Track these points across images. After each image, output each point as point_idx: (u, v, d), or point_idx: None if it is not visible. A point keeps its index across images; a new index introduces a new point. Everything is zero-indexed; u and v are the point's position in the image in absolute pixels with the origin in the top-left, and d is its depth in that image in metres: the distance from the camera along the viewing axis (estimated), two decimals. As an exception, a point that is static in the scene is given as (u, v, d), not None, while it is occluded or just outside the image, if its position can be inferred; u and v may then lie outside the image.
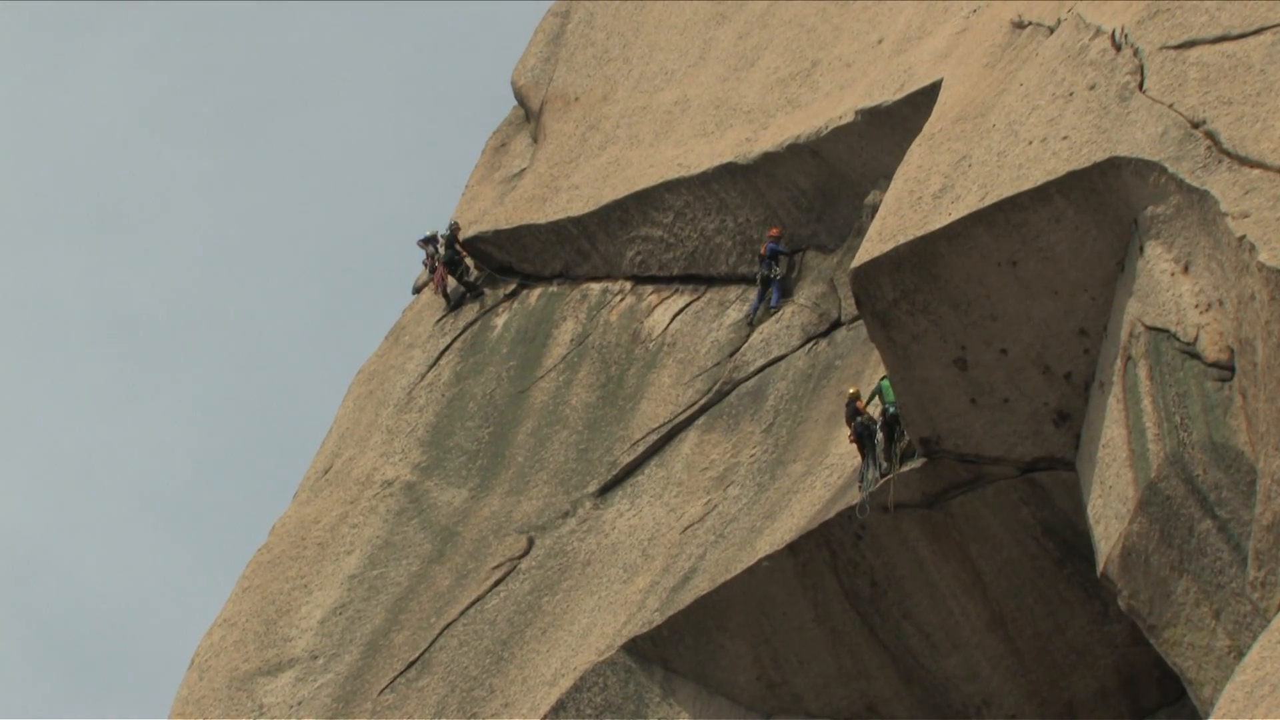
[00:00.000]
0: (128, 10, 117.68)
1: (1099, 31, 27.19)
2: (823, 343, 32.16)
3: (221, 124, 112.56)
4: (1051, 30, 28.37)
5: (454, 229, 37.77)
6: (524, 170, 38.06)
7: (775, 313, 33.24)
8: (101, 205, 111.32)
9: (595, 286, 35.81)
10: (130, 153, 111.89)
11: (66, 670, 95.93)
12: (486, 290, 37.24)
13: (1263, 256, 23.70)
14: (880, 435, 28.20)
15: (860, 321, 28.91)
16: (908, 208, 27.50)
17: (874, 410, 28.38)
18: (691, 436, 32.50)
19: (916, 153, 28.62)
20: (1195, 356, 24.76)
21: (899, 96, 31.58)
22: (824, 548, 28.38)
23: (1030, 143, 26.66)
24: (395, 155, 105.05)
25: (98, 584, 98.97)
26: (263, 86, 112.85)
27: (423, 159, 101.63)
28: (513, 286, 36.90)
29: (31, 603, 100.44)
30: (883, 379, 28.28)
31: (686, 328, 34.28)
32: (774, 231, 33.51)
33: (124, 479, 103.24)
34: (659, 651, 29.31)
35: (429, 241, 37.88)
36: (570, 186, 36.36)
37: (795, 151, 33.29)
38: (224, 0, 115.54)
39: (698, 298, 34.61)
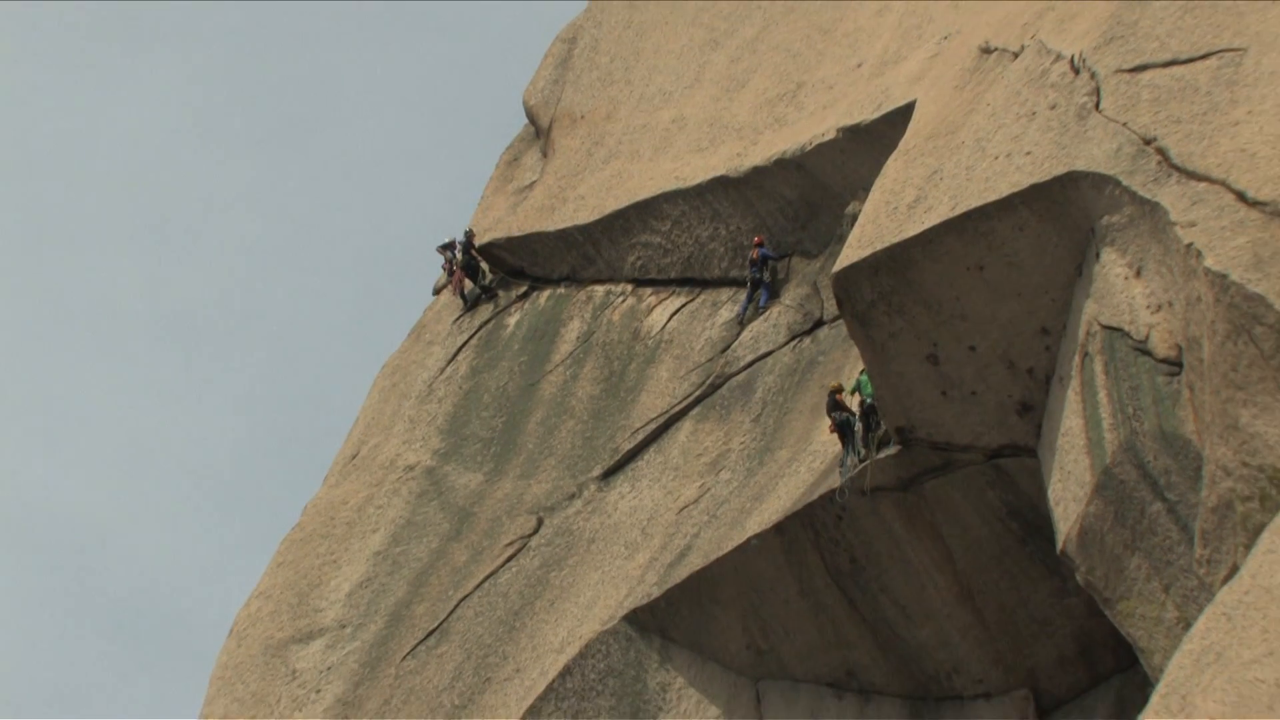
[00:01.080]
0: (182, 36, 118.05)
1: (1059, 57, 27.20)
2: (807, 340, 32.19)
3: (264, 139, 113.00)
4: (1016, 55, 28.37)
5: (470, 236, 37.86)
6: (534, 182, 38.09)
7: (763, 313, 33.29)
8: (157, 213, 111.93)
9: (599, 289, 35.84)
10: (183, 165, 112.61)
11: (122, 634, 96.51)
12: (500, 292, 37.31)
13: (1208, 262, 23.68)
14: (859, 425, 28.26)
15: (841, 321, 28.88)
16: (885, 217, 27.50)
17: (853, 402, 28.40)
18: (687, 426, 32.52)
19: (893, 167, 28.61)
20: (1147, 353, 24.77)
21: (877, 115, 31.60)
22: (807, 527, 28.38)
23: (996, 158, 26.65)
24: (418, 168, 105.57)
25: (151, 558, 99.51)
26: (301, 105, 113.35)
27: (442, 172, 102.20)
28: (524, 289, 36.97)
29: (92, 573, 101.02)
30: (861, 373, 28.31)
31: (682, 326, 34.28)
32: (759, 242, 33.55)
33: (175, 463, 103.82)
34: (657, 622, 29.33)
35: (447, 247, 37.98)
36: (577, 197, 36.38)
37: (782, 165, 33.31)
38: (267, 29, 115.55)
39: (693, 299, 34.62)
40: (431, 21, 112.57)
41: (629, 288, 35.52)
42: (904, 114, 30.28)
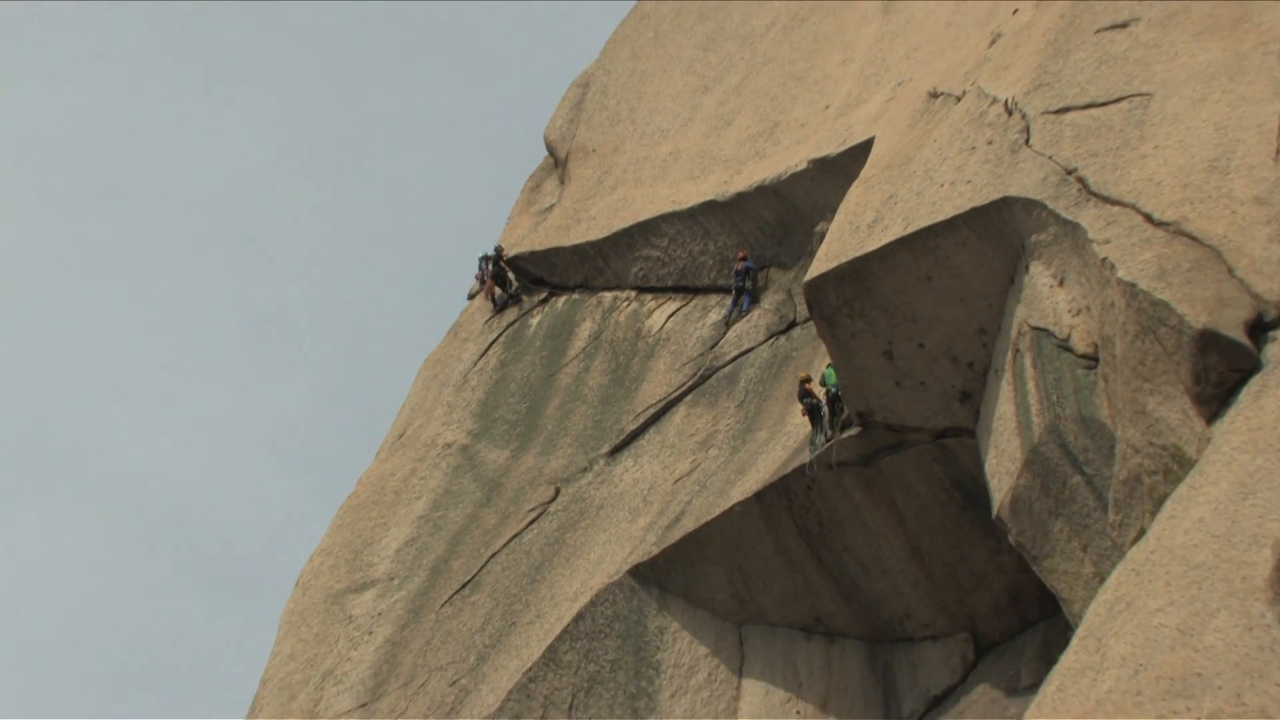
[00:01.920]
0: (271, 81, 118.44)
1: (995, 100, 27.19)
2: (782, 338, 32.15)
3: (334, 168, 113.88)
4: (958, 99, 28.38)
5: (499, 250, 37.78)
6: (553, 205, 38.00)
7: (746, 315, 33.24)
8: (246, 229, 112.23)
9: (608, 295, 35.76)
10: (269, 189, 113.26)
11: (210, 583, 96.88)
12: (524, 297, 37.21)
13: (1120, 273, 23.75)
14: (826, 409, 28.24)
15: (811, 322, 28.96)
16: (848, 235, 27.50)
17: (820, 390, 28.41)
18: (681, 410, 32.48)
19: (855, 193, 28.59)
20: (1068, 350, 24.80)
21: (841, 149, 31.60)
22: (782, 496, 28.42)
23: (942, 185, 26.65)
24: (456, 192, 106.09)
25: (235, 519, 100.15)
26: (364, 139, 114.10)
27: (476, 196, 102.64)
28: (544, 294, 36.86)
29: (188, 532, 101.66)
30: (828, 366, 28.25)
31: (677, 326, 34.25)
32: (743, 256, 33.54)
33: (257, 440, 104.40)
34: (655, 575, 29.34)
35: (484, 260, 37.88)
36: (589, 218, 36.32)
37: (762, 192, 33.30)
38: (338, 76, 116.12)
39: (686, 303, 34.57)
40: (470, 71, 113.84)
41: (633, 294, 35.45)
42: (865, 148, 30.29)
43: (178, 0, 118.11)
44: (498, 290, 37.40)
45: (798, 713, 28.29)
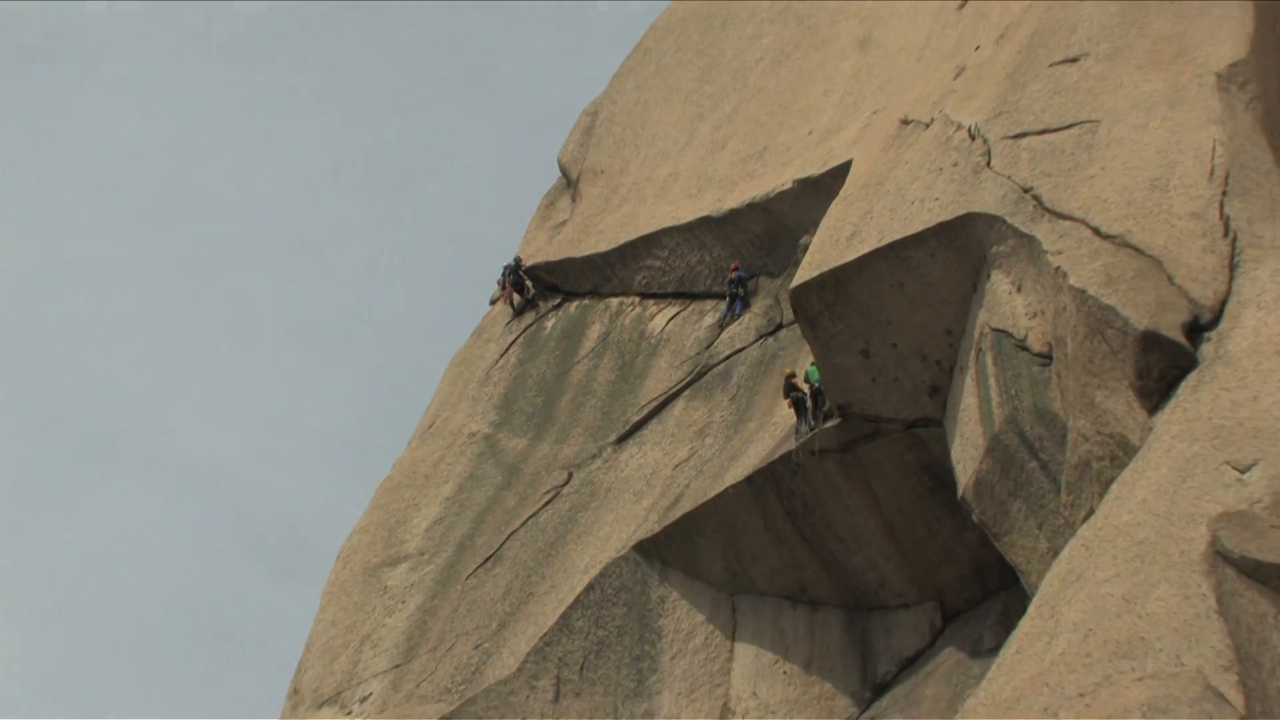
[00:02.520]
0: (322, 104, 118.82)
1: (960, 126, 27.21)
2: (771, 339, 32.10)
3: (377, 185, 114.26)
4: (927, 126, 28.39)
5: (518, 261, 37.73)
6: (566, 221, 37.97)
7: (738, 318, 33.22)
8: (297, 239, 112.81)
9: (615, 300, 35.72)
10: (319, 204, 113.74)
11: (265, 558, 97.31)
12: (540, 303, 37.15)
13: (1072, 281, 23.78)
14: (809, 402, 28.17)
15: (796, 324, 28.88)
16: (829, 246, 27.49)
17: (805, 385, 28.37)
18: (680, 403, 32.44)
19: (835, 209, 28.58)
20: (1025, 349, 24.78)
21: (823, 170, 31.55)
22: (770, 480, 28.37)
23: (913, 202, 26.63)
24: (481, 208, 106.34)
25: (288, 501, 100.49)
26: (403, 159, 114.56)
27: (498, 211, 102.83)
28: (558, 300, 36.79)
29: (246, 512, 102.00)
30: (812, 364, 28.24)
31: (677, 328, 34.24)
32: (735, 266, 33.52)
33: (307, 431, 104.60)
34: (657, 550, 29.32)
35: (506, 269, 37.84)
36: (598, 232, 36.31)
37: (752, 208, 33.27)
38: (382, 101, 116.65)
39: (685, 308, 34.53)
40: (493, 102, 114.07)
41: (637, 299, 35.39)
42: (843, 170, 30.27)
43: (243, 42, 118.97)
44: (517, 296, 37.39)
45: (784, 673, 28.24)
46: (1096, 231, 24.04)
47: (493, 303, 38.50)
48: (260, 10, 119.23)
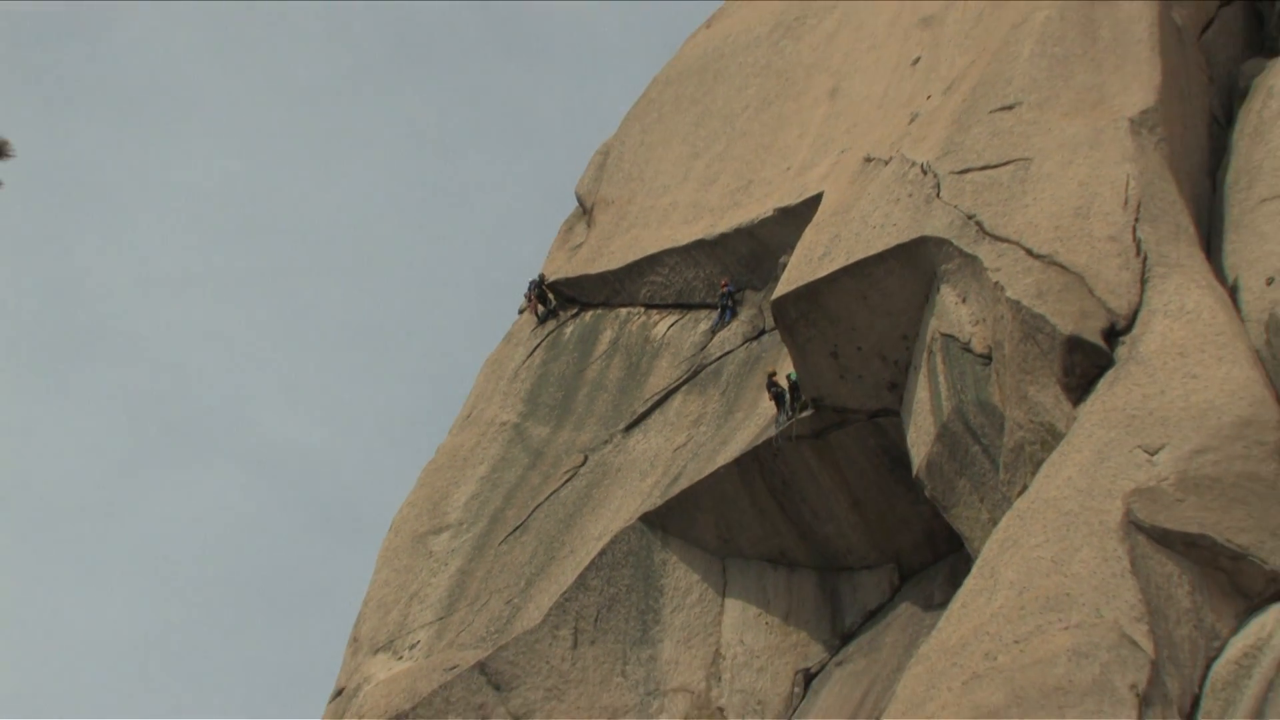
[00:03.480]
0: (371, 142, 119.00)
1: (914, 163, 27.17)
2: (755, 343, 31.98)
3: (424, 211, 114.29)
4: (886, 163, 28.33)
5: (542, 277, 37.52)
6: (582, 243, 37.82)
7: (727, 325, 33.10)
8: (359, 255, 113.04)
9: (623, 310, 35.56)
10: (376, 225, 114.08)
11: (336, 531, 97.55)
12: (560, 312, 36.96)
13: (1008, 294, 23.83)
14: (788, 396, 28.12)
15: (776, 330, 28.85)
16: (804, 264, 27.46)
17: (784, 382, 28.28)
18: (679, 397, 32.32)
19: (809, 233, 28.56)
20: (969, 351, 24.80)
21: (799, 200, 31.40)
22: (755, 461, 28.32)
23: (875, 227, 26.60)
24: (511, 231, 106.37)
25: (351, 479, 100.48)
26: (444, 187, 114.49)
27: (526, 234, 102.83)
28: (575, 310, 36.53)
29: (316, 490, 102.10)
30: (790, 364, 28.21)
31: (676, 334, 34.14)
32: (725, 282, 33.47)
33: (366, 420, 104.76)
34: (660, 521, 29.21)
35: (531, 284, 37.70)
36: (609, 252, 36.20)
37: (739, 232, 33.11)
38: (426, 137, 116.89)
39: (683, 316, 34.40)
40: (523, 143, 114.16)
41: (642, 309, 35.18)
42: (816, 200, 30.19)
43: (312, 91, 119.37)
44: (541, 307, 37.23)
45: (766, 624, 28.21)
46: (1029, 252, 24.07)
47: (521, 312, 38.37)
48: (327, 64, 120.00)
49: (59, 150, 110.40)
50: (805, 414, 27.67)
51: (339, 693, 31.37)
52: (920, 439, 25.63)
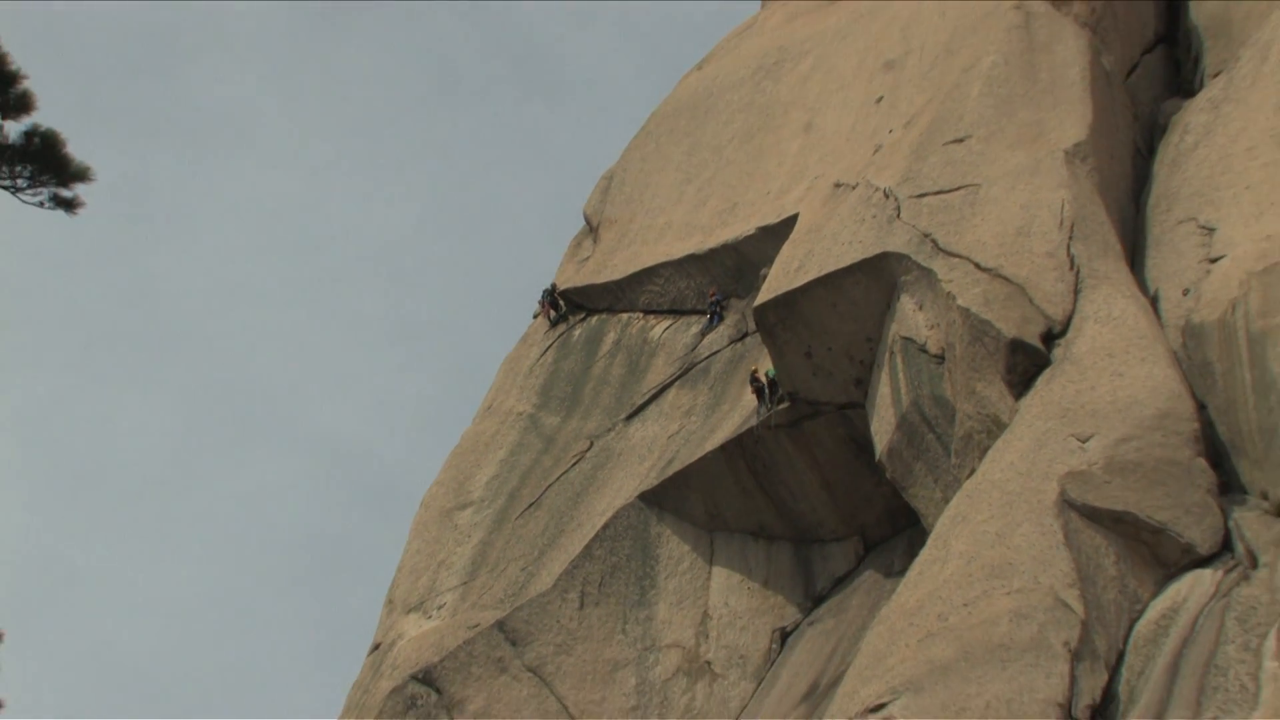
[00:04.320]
0: (415, 168, 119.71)
1: (878, 189, 27.18)
2: (739, 344, 32.00)
3: (455, 228, 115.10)
4: (854, 188, 28.33)
5: (554, 286, 37.62)
6: (589, 257, 37.85)
7: (715, 329, 33.16)
8: (396, 267, 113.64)
9: (625, 315, 35.62)
10: (410, 240, 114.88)
11: (371, 506, 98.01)
12: (570, 317, 37.07)
13: (959, 302, 23.86)
14: (767, 391, 28.18)
15: (758, 333, 28.80)
16: (782, 276, 27.47)
17: (764, 378, 28.32)
18: (672, 391, 32.33)
19: (786, 248, 28.58)
20: (925, 351, 24.81)
21: (778, 220, 31.45)
22: (738, 447, 28.33)
23: (844, 244, 26.59)
24: (528, 248, 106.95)
25: (388, 462, 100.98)
26: (475, 212, 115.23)
27: (542, 249, 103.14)
28: (583, 315, 36.66)
29: (356, 472, 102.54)
30: (769, 362, 28.29)
31: (670, 336, 34.19)
32: (713, 291, 33.53)
33: (402, 410, 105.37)
34: (655, 499, 29.26)
35: (544, 292, 37.78)
36: (612, 265, 36.23)
37: (726, 248, 33.16)
38: (459, 167, 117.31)
39: (676, 320, 34.44)
40: (539, 169, 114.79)
41: (641, 315, 35.22)
42: (793, 220, 30.22)
43: (357, 124, 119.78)
44: (553, 312, 37.35)
45: (748, 589, 28.23)
46: (977, 266, 24.10)
47: (535, 317, 38.45)
48: (371, 101, 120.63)
49: (138, 175, 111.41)
50: (782, 406, 27.68)
51: (376, 647, 31.42)
52: (882, 428, 25.66)
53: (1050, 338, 23.04)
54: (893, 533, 27.73)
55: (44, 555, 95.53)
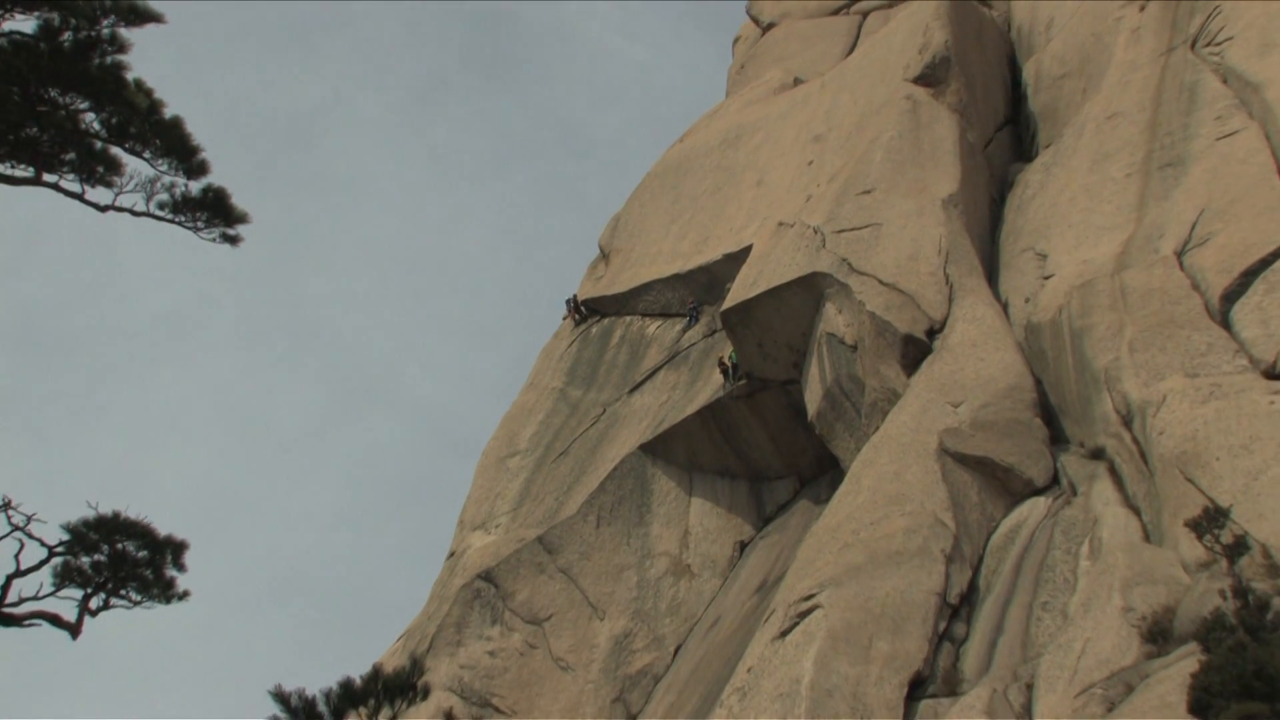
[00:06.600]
0: (477, 203, 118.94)
1: (809, 226, 27.17)
2: (710, 338, 31.75)
3: (506, 252, 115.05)
4: (792, 226, 28.32)
5: (575, 296, 37.39)
6: (602, 275, 37.53)
7: (693, 327, 33.09)
8: (463, 279, 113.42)
9: (628, 317, 35.33)
10: (472, 259, 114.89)
11: (452, 454, 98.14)
12: (588, 319, 36.78)
13: (868, 307, 23.96)
14: (730, 371, 28.07)
15: (724, 330, 28.77)
16: (740, 289, 27.48)
17: (728, 361, 28.22)
18: (663, 373, 32.13)
19: (744, 269, 28.57)
20: (843, 343, 24.79)
21: (738, 249, 31.25)
22: (710, 412, 28.25)
23: (785, 266, 26.54)
24: (558, 269, 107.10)
25: (464, 421, 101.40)
26: (518, 241, 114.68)
27: (567, 270, 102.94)
28: (598, 318, 36.40)
29: (442, 429, 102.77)
30: (732, 351, 28.14)
31: (661, 332, 34.04)
32: (691, 300, 33.48)
33: (474, 384, 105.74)
34: (651, 449, 29.15)
35: (568, 300, 37.56)
36: (619, 282, 35.89)
37: (701, 269, 32.85)
38: (508, 207, 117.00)
39: (665, 321, 34.25)
40: (571, 211, 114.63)
41: (640, 317, 35.03)
42: (749, 249, 30.13)
43: (428, 166, 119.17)
44: (576, 315, 37.11)
45: (717, 513, 28.16)
46: (880, 281, 24.26)
47: (564, 318, 38.22)
48: (452, 165, 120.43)
49: (285, 218, 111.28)
50: (741, 383, 27.71)
51: (451, 554, 31.57)
52: (813, 398, 25.77)
53: (932, 333, 23.29)
54: (821, 473, 27.76)
55: (225, 488, 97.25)
